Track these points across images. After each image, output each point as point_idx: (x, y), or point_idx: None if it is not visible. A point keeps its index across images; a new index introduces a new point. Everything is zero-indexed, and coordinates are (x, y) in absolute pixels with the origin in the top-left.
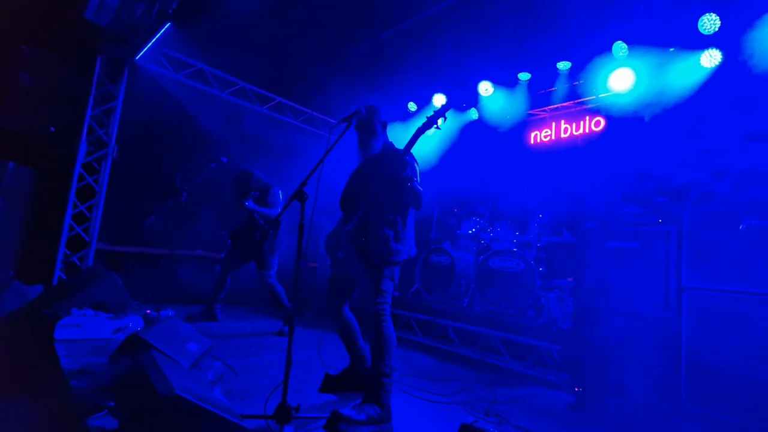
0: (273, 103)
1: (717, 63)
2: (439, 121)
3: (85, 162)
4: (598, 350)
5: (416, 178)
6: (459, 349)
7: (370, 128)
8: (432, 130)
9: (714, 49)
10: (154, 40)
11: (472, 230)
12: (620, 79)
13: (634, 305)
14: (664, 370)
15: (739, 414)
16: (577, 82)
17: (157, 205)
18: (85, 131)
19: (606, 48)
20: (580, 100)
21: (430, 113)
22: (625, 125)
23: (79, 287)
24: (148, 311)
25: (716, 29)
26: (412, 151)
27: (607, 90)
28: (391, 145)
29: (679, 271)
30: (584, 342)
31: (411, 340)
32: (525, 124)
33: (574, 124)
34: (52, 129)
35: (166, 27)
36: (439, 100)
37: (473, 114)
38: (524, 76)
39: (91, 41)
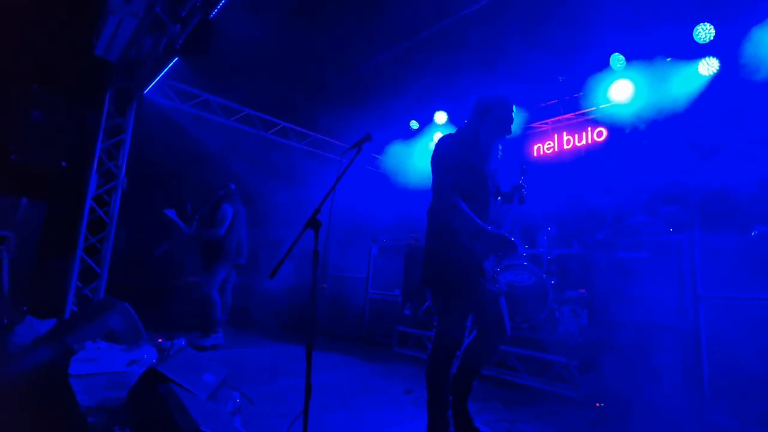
0: (277, 128)
1: (715, 71)
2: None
3: (95, 195)
4: (617, 364)
5: None
6: None
7: None
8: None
9: (711, 58)
10: (162, 74)
11: None
12: (620, 90)
13: (650, 316)
14: (686, 383)
15: (765, 425)
16: (577, 95)
17: (167, 234)
18: (95, 164)
19: (604, 60)
20: (581, 112)
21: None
22: (627, 135)
23: (91, 319)
24: (160, 340)
25: (711, 38)
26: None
27: (607, 101)
28: None
29: (695, 280)
30: (602, 356)
31: (424, 359)
32: (527, 137)
33: (576, 136)
34: (64, 164)
35: (174, 61)
36: (440, 117)
37: None
38: (525, 90)
39: (100, 77)
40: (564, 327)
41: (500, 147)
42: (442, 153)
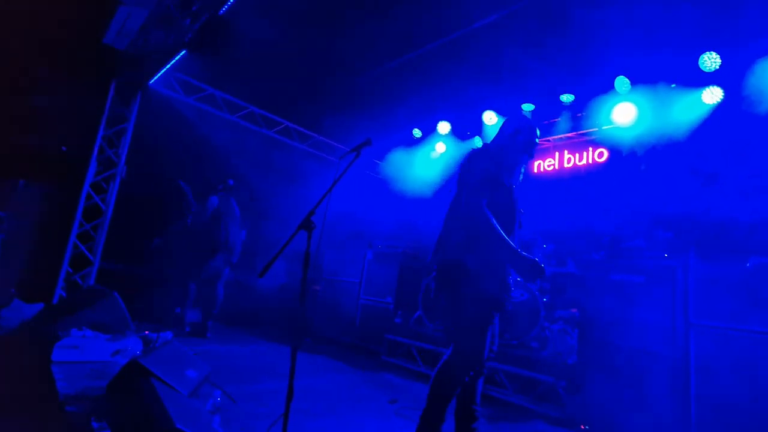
0: (280, 127)
1: (719, 100)
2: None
3: (94, 181)
4: (604, 387)
5: None
6: None
7: None
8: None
9: (715, 87)
10: (168, 66)
11: None
12: (623, 113)
13: (640, 341)
14: (673, 410)
15: None
16: (580, 114)
17: (163, 224)
18: (95, 151)
19: (609, 82)
20: (583, 132)
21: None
22: (628, 158)
23: (79, 307)
24: (147, 332)
25: (717, 67)
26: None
27: (610, 122)
28: None
29: (686, 307)
30: (590, 377)
31: (412, 369)
32: None
33: (577, 155)
34: (64, 148)
35: (181, 54)
36: (443, 127)
37: (477, 142)
38: (528, 107)
39: (107, 65)
40: (553, 346)
41: (522, 170)
42: (477, 167)
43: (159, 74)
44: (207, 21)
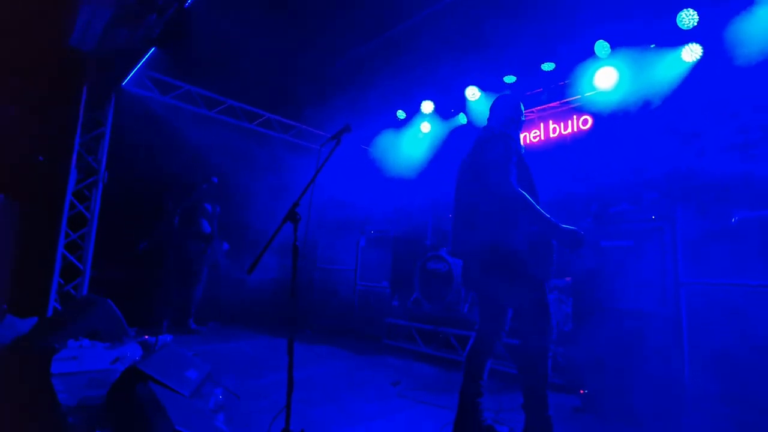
0: (261, 119)
1: (698, 57)
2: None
3: (75, 190)
4: (600, 350)
5: None
6: (461, 356)
7: None
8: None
9: (694, 44)
10: (139, 65)
11: None
12: (604, 77)
13: (633, 303)
14: (667, 366)
15: (744, 407)
16: (563, 82)
17: (149, 227)
18: (74, 159)
19: (589, 47)
20: (566, 100)
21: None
22: (612, 123)
23: (73, 317)
24: (146, 337)
25: (695, 24)
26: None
27: (592, 89)
28: None
29: (676, 267)
30: (586, 344)
31: (413, 350)
32: None
33: (562, 124)
34: (41, 158)
35: (150, 52)
36: (427, 106)
37: (462, 119)
38: (510, 79)
39: (76, 68)
40: None
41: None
42: (495, 149)
43: (131, 74)
44: (173, 15)
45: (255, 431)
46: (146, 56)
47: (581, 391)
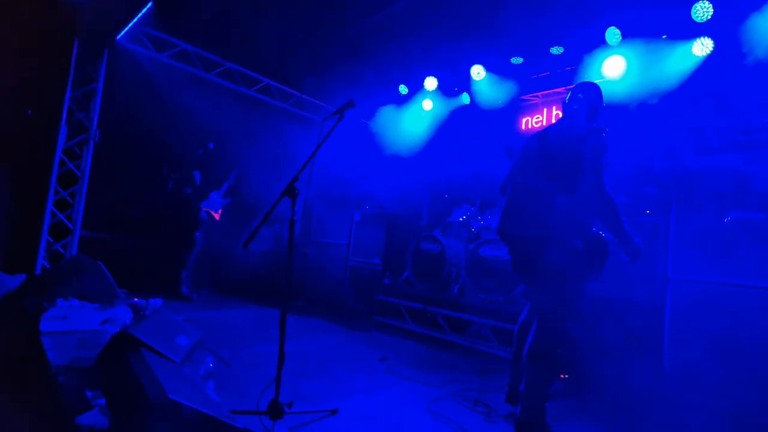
0: (261, 85)
1: (708, 51)
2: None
3: (66, 147)
4: (585, 337)
5: None
6: (449, 336)
7: None
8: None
9: (706, 38)
10: (135, 20)
11: (462, 218)
12: (612, 66)
13: (621, 293)
14: (648, 358)
15: (718, 399)
16: (570, 68)
17: (142, 190)
18: (64, 115)
19: (599, 34)
20: (572, 87)
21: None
22: (616, 113)
23: (63, 277)
24: (136, 300)
25: (709, 17)
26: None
27: (599, 77)
28: None
29: (665, 262)
30: (572, 329)
31: (402, 327)
32: (517, 110)
33: None
34: (30, 112)
35: (148, 6)
36: (431, 83)
37: (465, 99)
38: (517, 61)
39: (67, 20)
40: None
41: None
42: (604, 146)
43: (126, 29)
44: None
45: (245, 400)
46: (143, 10)
47: (562, 376)
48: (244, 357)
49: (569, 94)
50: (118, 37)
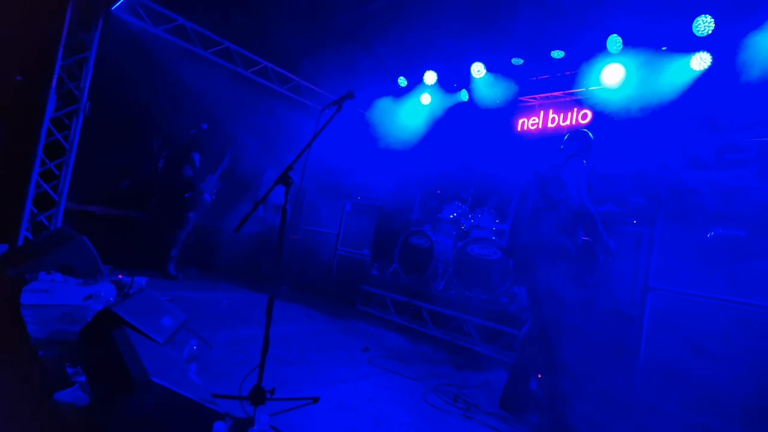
0: (258, 67)
1: (706, 66)
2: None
3: (54, 117)
4: (564, 339)
5: None
6: (431, 330)
7: None
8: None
9: (705, 53)
10: None
11: (453, 215)
12: (611, 74)
13: (601, 299)
14: (623, 364)
15: (687, 407)
16: (569, 72)
17: (132, 166)
18: (54, 83)
19: (601, 41)
20: (569, 91)
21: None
22: (611, 121)
23: (46, 250)
24: (120, 277)
25: (710, 32)
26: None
27: (597, 83)
28: None
29: (647, 272)
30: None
31: (385, 318)
32: (514, 110)
33: (561, 115)
34: (19, 78)
35: None
36: (430, 77)
37: (463, 95)
38: (517, 61)
39: None
40: (520, 302)
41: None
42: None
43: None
44: None
45: (228, 385)
46: None
47: (539, 375)
48: (227, 340)
49: (565, 140)
50: (113, 8)
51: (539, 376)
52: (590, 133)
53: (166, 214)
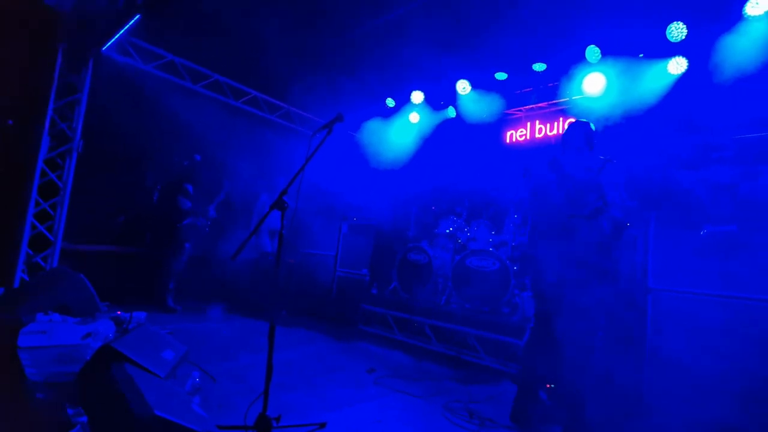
0: (248, 97)
1: (683, 70)
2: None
3: (47, 157)
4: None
5: None
6: (435, 346)
7: None
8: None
9: (681, 57)
10: (122, 31)
11: (449, 229)
12: (593, 83)
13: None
14: (630, 367)
15: (695, 406)
16: (552, 84)
17: (126, 202)
18: (47, 125)
19: (580, 52)
20: (554, 102)
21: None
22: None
23: (43, 290)
24: (119, 313)
25: (683, 37)
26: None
27: (580, 92)
28: None
29: (646, 274)
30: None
31: (388, 337)
32: (501, 123)
33: (548, 125)
34: (10, 122)
35: (135, 19)
36: (417, 96)
37: (451, 112)
38: (501, 76)
39: (51, 30)
40: (522, 312)
41: None
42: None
43: (112, 40)
44: None
45: (232, 415)
46: (130, 22)
47: (548, 386)
48: (229, 370)
49: (567, 130)
50: (103, 49)
51: (548, 386)
52: (592, 124)
53: (162, 247)
